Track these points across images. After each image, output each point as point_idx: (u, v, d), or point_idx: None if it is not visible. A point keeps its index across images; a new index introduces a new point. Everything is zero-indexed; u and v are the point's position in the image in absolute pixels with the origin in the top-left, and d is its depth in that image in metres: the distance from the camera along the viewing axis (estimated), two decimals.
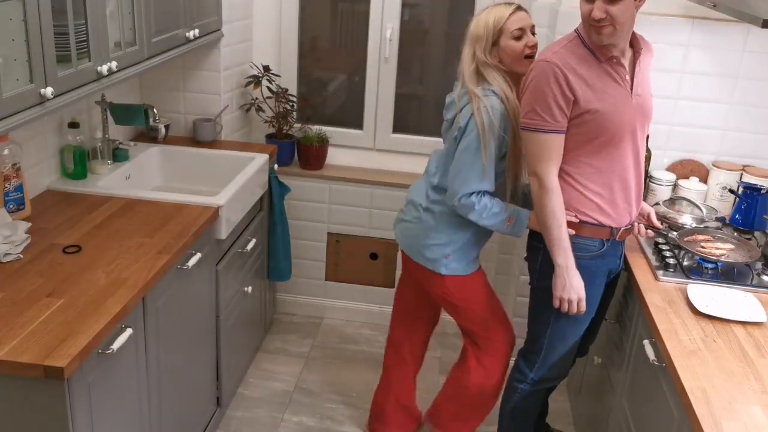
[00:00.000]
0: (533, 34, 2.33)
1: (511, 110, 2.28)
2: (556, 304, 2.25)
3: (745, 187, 2.76)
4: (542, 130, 2.16)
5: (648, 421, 2.08)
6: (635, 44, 2.24)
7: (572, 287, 2.22)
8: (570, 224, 2.23)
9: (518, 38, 2.29)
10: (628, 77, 2.20)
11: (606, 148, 2.20)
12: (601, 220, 2.25)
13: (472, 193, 2.28)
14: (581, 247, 2.25)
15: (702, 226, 2.64)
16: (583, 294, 2.23)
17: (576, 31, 2.20)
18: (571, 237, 2.22)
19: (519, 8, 2.34)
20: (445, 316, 2.81)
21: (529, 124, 2.17)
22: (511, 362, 2.61)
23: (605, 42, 2.12)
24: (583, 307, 2.25)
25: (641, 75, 2.25)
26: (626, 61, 2.22)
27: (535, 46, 2.32)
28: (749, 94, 2.97)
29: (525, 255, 2.44)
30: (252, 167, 2.97)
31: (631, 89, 2.20)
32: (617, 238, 2.30)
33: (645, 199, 2.97)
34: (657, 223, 2.52)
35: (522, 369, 2.51)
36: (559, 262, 2.21)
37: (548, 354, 2.43)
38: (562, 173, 2.23)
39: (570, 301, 2.23)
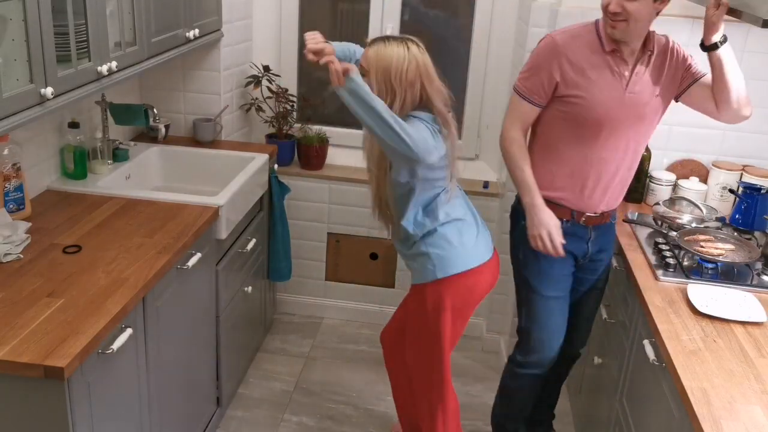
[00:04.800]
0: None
1: None
2: (531, 243, 2.31)
3: (745, 187, 2.76)
4: (518, 94, 2.31)
5: (648, 421, 2.08)
6: (648, 44, 2.25)
7: (541, 222, 2.27)
8: None
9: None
10: (627, 73, 2.22)
11: (585, 135, 2.25)
12: (552, 196, 2.31)
13: None
14: None
15: (702, 226, 2.63)
16: (553, 229, 2.27)
17: (597, 19, 2.26)
18: None
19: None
20: None
21: (516, 85, 2.32)
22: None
23: (618, 37, 2.18)
24: (557, 242, 2.28)
25: (646, 75, 2.25)
26: (632, 57, 2.23)
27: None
28: (749, 94, 2.96)
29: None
30: (252, 167, 2.97)
31: (627, 85, 2.22)
32: (579, 221, 2.34)
33: (645, 200, 2.98)
34: None
35: (514, 349, 2.58)
36: (526, 200, 2.29)
37: (526, 335, 2.48)
38: (535, 145, 2.35)
39: (541, 237, 2.27)
